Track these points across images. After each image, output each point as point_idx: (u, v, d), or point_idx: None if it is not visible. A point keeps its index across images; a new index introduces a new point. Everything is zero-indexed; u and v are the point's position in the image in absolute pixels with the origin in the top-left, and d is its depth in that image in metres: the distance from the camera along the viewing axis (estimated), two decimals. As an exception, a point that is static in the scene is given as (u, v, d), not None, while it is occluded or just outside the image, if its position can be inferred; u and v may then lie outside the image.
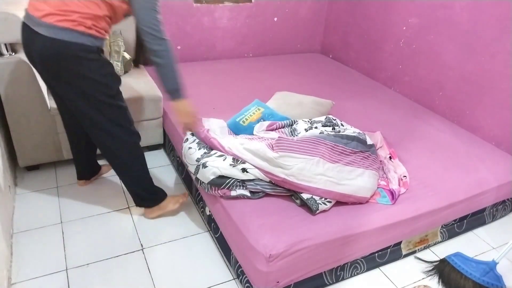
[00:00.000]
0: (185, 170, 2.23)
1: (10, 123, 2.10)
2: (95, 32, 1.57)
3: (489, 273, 1.74)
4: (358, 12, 3.24)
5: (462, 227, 2.07)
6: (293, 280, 1.59)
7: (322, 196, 1.66)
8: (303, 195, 1.64)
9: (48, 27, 1.51)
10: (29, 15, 1.56)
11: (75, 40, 1.52)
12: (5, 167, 2.01)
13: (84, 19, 1.52)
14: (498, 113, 2.34)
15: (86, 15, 1.53)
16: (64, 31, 1.51)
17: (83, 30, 1.53)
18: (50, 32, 1.51)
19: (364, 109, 2.56)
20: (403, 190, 1.83)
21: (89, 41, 1.56)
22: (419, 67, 2.79)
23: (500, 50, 2.27)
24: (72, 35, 1.52)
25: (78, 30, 1.52)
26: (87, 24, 1.53)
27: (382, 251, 1.82)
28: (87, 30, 1.54)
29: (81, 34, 1.53)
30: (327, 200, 1.66)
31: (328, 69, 3.29)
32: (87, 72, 1.60)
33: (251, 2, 3.33)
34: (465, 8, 2.41)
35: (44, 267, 1.74)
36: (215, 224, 1.87)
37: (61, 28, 1.50)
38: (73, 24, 1.51)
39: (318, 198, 1.64)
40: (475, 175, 2.01)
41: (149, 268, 1.78)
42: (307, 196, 1.64)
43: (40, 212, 2.05)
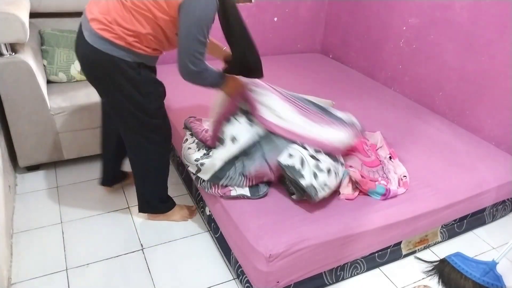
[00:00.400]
0: (185, 170, 2.23)
1: (10, 123, 2.10)
2: (137, 48, 1.51)
3: (489, 273, 1.74)
4: (358, 12, 3.24)
5: (462, 227, 2.07)
6: (293, 280, 1.59)
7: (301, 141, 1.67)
8: (302, 182, 1.60)
9: (91, 33, 1.50)
10: (84, 14, 1.55)
11: (113, 53, 1.49)
12: (5, 167, 2.01)
13: (125, 35, 1.48)
14: (498, 113, 2.34)
15: (128, 31, 1.48)
16: (103, 41, 1.48)
17: (122, 45, 1.49)
18: (92, 39, 1.49)
19: (364, 109, 2.56)
20: (403, 190, 1.83)
21: (129, 57, 1.52)
22: (419, 67, 2.79)
23: (500, 50, 2.27)
24: (111, 47, 1.49)
25: (118, 43, 1.48)
26: (128, 40, 1.49)
27: (382, 251, 1.82)
28: (127, 45, 1.49)
29: (120, 48, 1.49)
30: (326, 187, 1.64)
31: (328, 69, 3.29)
32: (122, 87, 1.57)
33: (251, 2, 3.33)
34: (465, 8, 2.41)
35: (44, 267, 1.74)
36: (215, 224, 1.87)
37: (101, 38, 1.48)
38: (113, 37, 1.48)
39: (317, 185, 1.61)
40: (475, 175, 2.01)
41: (149, 268, 1.78)
42: (306, 183, 1.60)
43: (40, 212, 2.05)
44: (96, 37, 1.49)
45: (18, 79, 2.01)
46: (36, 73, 2.05)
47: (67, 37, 2.40)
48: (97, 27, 1.48)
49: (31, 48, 2.20)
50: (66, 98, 2.23)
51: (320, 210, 1.66)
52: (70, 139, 2.28)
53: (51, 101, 2.18)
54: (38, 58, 2.28)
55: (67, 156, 2.33)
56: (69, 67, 2.38)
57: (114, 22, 1.47)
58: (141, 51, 1.54)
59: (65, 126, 2.23)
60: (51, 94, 2.23)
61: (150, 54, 1.58)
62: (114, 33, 1.47)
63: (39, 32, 2.40)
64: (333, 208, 1.68)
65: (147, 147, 1.77)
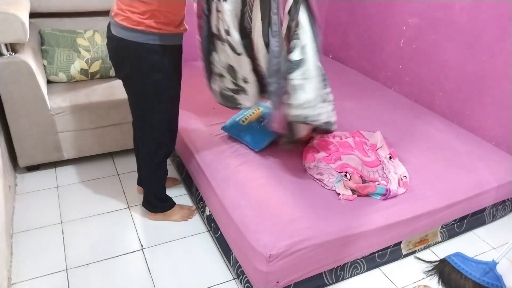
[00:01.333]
0: (185, 170, 2.23)
1: (10, 123, 2.10)
2: (158, 29, 1.53)
3: (489, 273, 1.74)
4: (358, 12, 3.24)
5: (462, 227, 2.07)
6: (293, 280, 1.59)
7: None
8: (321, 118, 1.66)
9: (115, 26, 1.56)
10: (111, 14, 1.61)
11: (137, 39, 1.53)
12: (5, 167, 2.01)
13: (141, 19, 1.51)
14: (498, 113, 2.34)
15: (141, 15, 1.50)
16: (125, 30, 1.53)
17: (143, 29, 1.52)
18: (116, 31, 1.56)
19: (364, 109, 2.56)
20: (403, 190, 1.83)
21: (153, 39, 1.54)
22: (419, 67, 2.79)
23: (500, 50, 2.27)
24: (133, 33, 1.52)
25: (138, 29, 1.52)
26: (146, 23, 1.51)
27: (382, 251, 1.82)
28: (147, 28, 1.52)
29: (142, 33, 1.52)
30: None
31: (328, 69, 3.27)
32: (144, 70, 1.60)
33: (251, 2, 3.32)
34: (465, 8, 2.41)
35: (44, 267, 1.74)
36: (215, 224, 1.87)
37: (123, 27, 1.53)
38: (133, 23, 1.51)
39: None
40: (475, 175, 2.01)
41: (149, 268, 1.78)
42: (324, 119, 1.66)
43: (40, 212, 2.05)
44: (119, 28, 1.54)
45: (18, 79, 2.00)
46: (36, 73, 2.05)
47: (67, 37, 2.40)
48: (118, 19, 1.54)
49: (31, 48, 2.20)
50: (66, 98, 2.23)
51: (320, 210, 1.66)
52: (70, 139, 2.28)
53: (51, 101, 2.18)
54: (38, 58, 2.28)
55: (67, 156, 2.33)
56: (69, 67, 2.38)
57: (128, 10, 1.51)
58: (163, 31, 1.55)
59: (65, 126, 2.23)
60: (51, 94, 2.23)
61: (173, 32, 1.58)
62: (134, 20, 1.51)
63: (39, 32, 2.40)
64: (333, 208, 1.68)
65: (155, 144, 1.82)
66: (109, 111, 2.30)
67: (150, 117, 1.74)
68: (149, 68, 1.60)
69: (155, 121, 1.75)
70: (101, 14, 2.57)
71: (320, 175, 1.83)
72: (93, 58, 2.43)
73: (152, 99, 1.68)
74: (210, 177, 1.86)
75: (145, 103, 1.70)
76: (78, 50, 2.41)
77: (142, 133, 1.83)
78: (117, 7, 1.55)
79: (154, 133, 1.79)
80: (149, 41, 1.54)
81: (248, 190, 1.74)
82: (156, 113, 1.73)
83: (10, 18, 1.87)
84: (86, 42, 2.43)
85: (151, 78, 1.62)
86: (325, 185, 1.80)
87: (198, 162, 1.97)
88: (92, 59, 2.42)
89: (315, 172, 1.85)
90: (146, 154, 1.88)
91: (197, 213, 2.11)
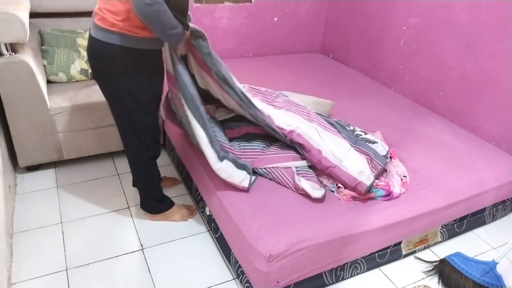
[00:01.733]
0: (185, 170, 2.23)
1: (10, 123, 2.10)
2: (131, 32, 1.49)
3: (489, 273, 1.74)
4: (358, 12, 3.24)
5: (462, 227, 2.07)
6: (293, 280, 1.59)
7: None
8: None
9: (93, 26, 1.55)
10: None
11: (110, 40, 1.50)
12: (5, 167, 2.01)
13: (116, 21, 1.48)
14: (498, 113, 2.34)
15: (116, 16, 1.48)
16: (101, 30, 1.51)
17: (117, 31, 1.49)
18: (94, 32, 1.54)
19: (364, 109, 2.56)
20: (403, 190, 1.83)
21: (126, 42, 1.50)
22: (419, 67, 2.79)
23: (500, 50, 2.27)
24: (108, 35, 1.50)
25: (112, 30, 1.49)
26: (120, 25, 1.48)
27: (382, 251, 1.82)
28: (121, 30, 1.49)
29: (116, 34, 1.49)
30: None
31: (328, 69, 3.29)
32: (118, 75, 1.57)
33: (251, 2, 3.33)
34: (465, 8, 2.41)
35: (44, 267, 1.74)
36: (215, 224, 1.87)
37: (99, 28, 1.51)
38: (108, 24, 1.49)
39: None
40: (475, 175, 2.01)
41: (149, 268, 1.78)
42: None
43: (40, 212, 2.05)
44: (96, 28, 1.53)
45: (18, 79, 2.00)
46: (36, 73, 2.05)
47: (67, 37, 2.40)
48: (96, 19, 1.53)
49: (31, 48, 2.20)
50: (66, 98, 2.23)
51: (320, 210, 1.66)
52: (70, 139, 2.28)
53: (51, 101, 2.18)
54: (38, 58, 2.28)
55: (67, 156, 2.33)
56: (69, 67, 2.38)
57: (106, 10, 1.49)
58: (138, 34, 1.51)
59: (65, 126, 2.23)
60: (51, 94, 2.23)
61: (149, 36, 1.53)
62: (108, 21, 1.49)
63: (39, 32, 2.40)
64: (333, 208, 1.68)
65: (138, 147, 1.79)
66: (109, 111, 2.28)
67: (127, 120, 1.70)
68: (123, 71, 1.56)
69: (134, 124, 1.71)
70: (101, 14, 2.57)
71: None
72: (93, 58, 2.43)
73: (128, 103, 1.64)
74: (210, 177, 1.86)
75: (119, 106, 1.67)
76: (78, 50, 2.41)
77: (123, 136, 1.79)
78: (97, 6, 1.54)
79: (134, 136, 1.75)
80: (123, 44, 1.50)
81: (248, 190, 1.74)
82: (133, 117, 1.68)
83: (10, 18, 1.87)
84: (86, 42, 2.43)
85: (125, 81, 1.58)
86: (325, 185, 1.80)
87: (198, 162, 1.97)
88: (92, 59, 2.43)
89: (315, 172, 1.85)
90: (133, 157, 1.86)
91: (197, 213, 2.11)
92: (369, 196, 1.75)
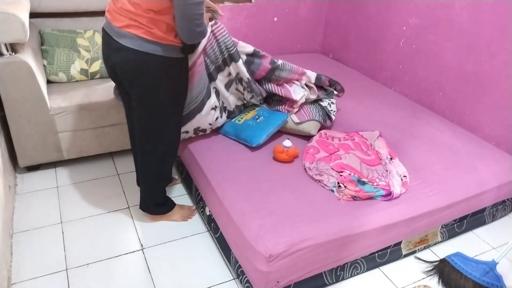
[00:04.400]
0: (185, 170, 2.24)
1: (10, 123, 2.10)
2: (164, 40, 1.54)
3: (489, 273, 1.74)
4: (358, 12, 3.24)
5: (462, 227, 2.07)
6: (293, 280, 1.59)
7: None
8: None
9: (127, 36, 1.53)
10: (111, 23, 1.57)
11: (158, 52, 1.54)
12: (5, 167, 2.01)
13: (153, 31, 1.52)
14: (498, 113, 2.34)
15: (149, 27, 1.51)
16: (145, 42, 1.53)
17: (166, 43, 1.54)
18: (131, 43, 1.53)
19: (364, 109, 2.56)
20: (403, 190, 1.83)
21: (161, 51, 1.55)
22: (419, 67, 2.79)
23: (500, 50, 2.27)
24: (147, 45, 1.53)
25: (161, 42, 1.53)
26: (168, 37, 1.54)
27: (382, 251, 1.82)
28: (156, 39, 1.53)
29: (152, 44, 1.53)
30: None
31: (328, 69, 3.29)
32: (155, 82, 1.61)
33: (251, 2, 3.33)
34: (465, 8, 2.41)
35: (44, 267, 1.74)
36: (215, 224, 1.87)
37: (142, 39, 1.52)
38: (155, 37, 1.52)
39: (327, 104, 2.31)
40: (475, 175, 2.01)
41: (149, 268, 1.78)
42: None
43: (40, 212, 2.05)
44: (138, 40, 1.52)
45: (18, 79, 2.00)
46: (36, 73, 2.05)
47: (67, 37, 2.40)
48: (139, 32, 1.51)
49: (31, 48, 2.20)
50: (66, 98, 2.23)
51: (320, 210, 1.66)
52: (70, 139, 2.28)
53: (51, 101, 2.18)
54: (38, 58, 2.28)
55: (67, 156, 2.33)
56: (69, 67, 2.38)
57: (149, 23, 1.51)
58: (178, 43, 1.58)
59: (65, 126, 2.23)
60: (51, 94, 2.23)
61: (179, 44, 1.60)
62: (156, 35, 1.52)
63: (39, 32, 2.40)
64: (333, 208, 1.68)
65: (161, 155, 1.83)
66: (109, 111, 2.30)
67: (164, 128, 1.76)
68: (172, 79, 1.64)
69: (169, 131, 1.79)
70: (101, 14, 2.55)
71: (319, 175, 1.83)
72: (93, 58, 2.43)
73: (170, 109, 1.73)
74: (210, 177, 1.86)
75: (160, 114, 1.71)
76: (78, 50, 2.41)
77: (153, 146, 1.79)
78: (128, 16, 1.51)
79: (164, 144, 1.80)
80: (171, 55, 1.58)
81: (248, 190, 1.74)
82: (171, 123, 1.78)
83: (10, 18, 1.87)
84: (86, 42, 2.43)
85: (173, 89, 1.67)
86: (325, 185, 1.80)
87: (198, 162, 1.97)
88: (92, 59, 2.42)
89: (314, 173, 1.85)
90: (155, 166, 1.86)
91: (197, 213, 2.11)
92: (369, 196, 1.75)
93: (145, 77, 1.59)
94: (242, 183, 1.78)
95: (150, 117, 1.72)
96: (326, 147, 2.01)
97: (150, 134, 1.76)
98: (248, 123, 2.07)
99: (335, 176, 1.81)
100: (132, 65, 1.57)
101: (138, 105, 1.70)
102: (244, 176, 1.82)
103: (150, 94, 1.64)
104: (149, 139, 1.78)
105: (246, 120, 2.09)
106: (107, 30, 1.59)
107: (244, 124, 2.07)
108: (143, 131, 1.77)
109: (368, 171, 1.88)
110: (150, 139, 1.78)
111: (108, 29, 1.59)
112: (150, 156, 1.83)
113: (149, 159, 1.84)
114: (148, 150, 1.82)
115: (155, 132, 1.76)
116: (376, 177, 1.85)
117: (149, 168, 1.87)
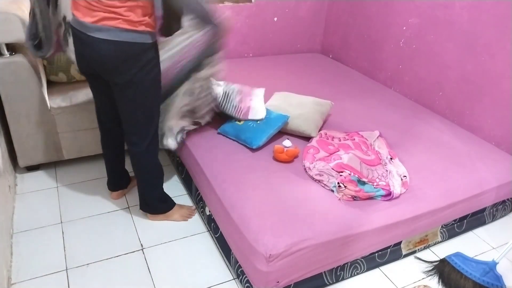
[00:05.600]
0: (185, 170, 2.24)
1: (10, 123, 2.11)
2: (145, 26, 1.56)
3: (489, 273, 1.74)
4: (358, 12, 3.24)
5: (462, 227, 2.07)
6: (293, 280, 1.59)
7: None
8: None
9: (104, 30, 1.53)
10: (78, 19, 1.56)
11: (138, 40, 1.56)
12: (5, 167, 2.01)
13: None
14: (498, 113, 2.34)
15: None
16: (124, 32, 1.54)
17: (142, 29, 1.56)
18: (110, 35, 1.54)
19: (364, 109, 2.56)
20: (403, 190, 1.83)
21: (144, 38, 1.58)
22: (419, 67, 2.79)
23: (500, 50, 2.27)
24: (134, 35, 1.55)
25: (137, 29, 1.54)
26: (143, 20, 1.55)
27: (382, 251, 1.82)
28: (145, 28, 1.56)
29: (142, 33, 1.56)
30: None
31: (328, 69, 3.29)
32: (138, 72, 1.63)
33: (251, 2, 3.33)
34: (465, 8, 2.41)
35: (44, 267, 1.74)
36: (215, 224, 1.87)
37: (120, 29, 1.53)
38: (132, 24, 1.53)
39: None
40: (475, 175, 2.01)
41: (149, 268, 1.78)
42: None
43: (40, 212, 2.05)
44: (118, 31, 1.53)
45: (18, 79, 2.01)
46: (36, 73, 2.05)
47: (67, 37, 2.40)
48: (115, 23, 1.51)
49: (31, 48, 2.20)
50: (66, 98, 2.23)
51: (320, 210, 1.66)
52: (70, 139, 2.28)
53: (51, 101, 2.18)
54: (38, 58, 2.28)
55: (67, 156, 2.33)
56: (69, 67, 2.38)
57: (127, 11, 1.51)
58: (143, 26, 1.57)
59: (65, 126, 2.24)
60: (51, 94, 2.23)
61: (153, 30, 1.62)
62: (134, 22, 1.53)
63: (39, 32, 2.40)
64: (333, 208, 1.68)
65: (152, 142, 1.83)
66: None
67: (152, 112, 1.78)
68: (150, 65, 1.64)
69: (155, 115, 1.81)
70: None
71: (319, 176, 1.83)
72: (93, 58, 2.42)
73: (154, 93, 1.75)
74: (210, 177, 1.86)
75: (146, 99, 1.73)
76: (78, 50, 2.40)
77: (145, 133, 1.80)
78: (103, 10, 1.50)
79: (153, 128, 1.82)
80: (148, 40, 1.59)
81: (248, 190, 1.74)
82: (156, 107, 1.79)
83: (10, 18, 1.87)
84: (86, 42, 2.43)
85: (152, 74, 1.67)
86: (325, 185, 1.80)
87: (198, 162, 1.98)
88: (92, 59, 2.42)
89: (314, 172, 1.85)
90: (148, 156, 1.86)
91: (197, 213, 2.11)
92: (369, 196, 1.75)
93: (126, 65, 1.60)
94: (242, 183, 1.78)
95: (137, 104, 1.73)
96: (326, 147, 2.01)
97: (136, 122, 1.77)
98: (249, 124, 2.07)
99: (335, 176, 1.81)
100: (113, 56, 1.58)
101: (122, 95, 1.70)
102: (244, 176, 1.82)
103: (134, 80, 1.65)
104: (136, 128, 1.78)
105: (247, 121, 2.10)
106: (77, 27, 1.57)
107: (244, 125, 2.08)
108: (129, 120, 1.77)
109: (368, 171, 1.88)
110: (137, 127, 1.78)
111: (78, 25, 1.57)
112: (138, 149, 1.82)
113: (138, 153, 1.84)
114: (135, 142, 1.81)
115: (141, 119, 1.76)
116: (376, 177, 1.85)
117: (140, 164, 1.88)
